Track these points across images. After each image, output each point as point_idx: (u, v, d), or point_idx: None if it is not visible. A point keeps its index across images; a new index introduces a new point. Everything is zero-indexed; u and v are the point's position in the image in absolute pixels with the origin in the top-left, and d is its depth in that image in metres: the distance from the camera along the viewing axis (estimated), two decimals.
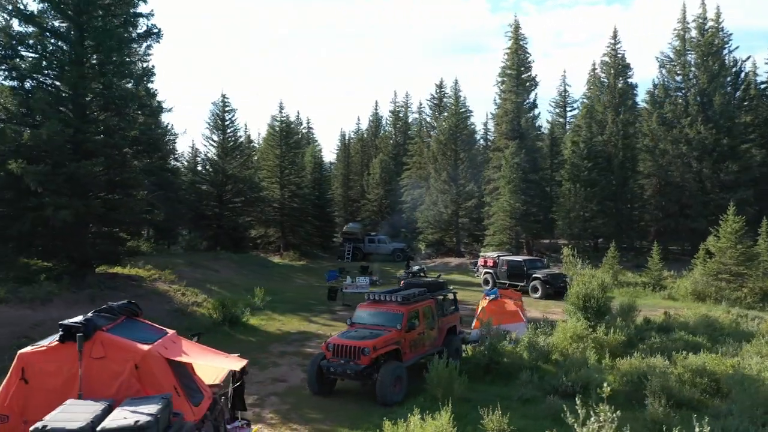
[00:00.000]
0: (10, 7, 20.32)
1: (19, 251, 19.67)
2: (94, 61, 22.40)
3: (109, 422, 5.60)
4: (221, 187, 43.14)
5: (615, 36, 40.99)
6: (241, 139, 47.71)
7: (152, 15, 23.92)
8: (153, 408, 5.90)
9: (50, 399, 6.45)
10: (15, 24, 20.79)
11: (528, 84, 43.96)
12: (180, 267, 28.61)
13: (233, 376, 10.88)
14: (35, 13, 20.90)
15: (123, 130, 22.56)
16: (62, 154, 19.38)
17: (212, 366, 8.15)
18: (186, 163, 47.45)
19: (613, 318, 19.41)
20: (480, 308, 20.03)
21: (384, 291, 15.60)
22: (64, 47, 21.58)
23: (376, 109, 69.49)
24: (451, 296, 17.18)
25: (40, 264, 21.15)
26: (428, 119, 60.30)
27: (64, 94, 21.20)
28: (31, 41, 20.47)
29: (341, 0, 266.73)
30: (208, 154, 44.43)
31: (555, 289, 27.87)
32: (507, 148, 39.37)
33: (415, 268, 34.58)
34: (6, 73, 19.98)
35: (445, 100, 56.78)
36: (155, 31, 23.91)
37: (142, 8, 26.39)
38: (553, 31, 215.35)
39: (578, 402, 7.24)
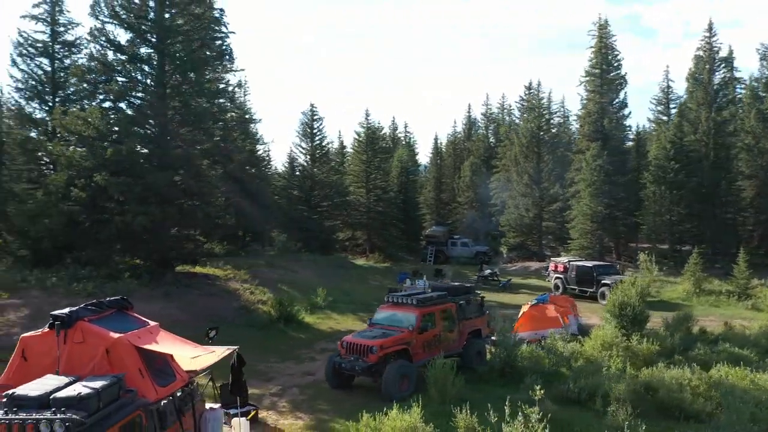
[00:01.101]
0: (104, 39, 23.34)
1: (107, 252, 22.53)
2: (174, 82, 25.03)
3: (60, 393, 7.01)
4: (310, 191, 45.62)
5: (710, 29, 38.57)
6: (330, 146, 49.93)
7: (227, 37, 26.35)
8: (99, 384, 7.27)
9: (42, 374, 8.02)
10: (109, 54, 23.84)
11: (617, 83, 42.39)
12: (260, 267, 30.92)
13: (234, 365, 12.32)
14: (124, 43, 23.85)
15: (199, 143, 24.97)
16: (140, 167, 21.97)
17: (182, 356, 9.41)
18: (282, 169, 50.38)
19: (666, 326, 18.93)
20: (521, 313, 20.25)
21: (404, 294, 16.40)
22: (147, 71, 24.32)
23: (469, 112, 69.72)
24: (477, 300, 17.57)
25: (128, 261, 24.03)
26: (518, 121, 59.64)
27: (146, 113, 23.91)
28: (119, 68, 23.32)
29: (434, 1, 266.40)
30: (298, 161, 47.04)
31: None
32: (588, 150, 38.33)
33: (487, 271, 34.79)
34: (101, 96, 22.94)
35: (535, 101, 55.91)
36: (227, 52, 26.27)
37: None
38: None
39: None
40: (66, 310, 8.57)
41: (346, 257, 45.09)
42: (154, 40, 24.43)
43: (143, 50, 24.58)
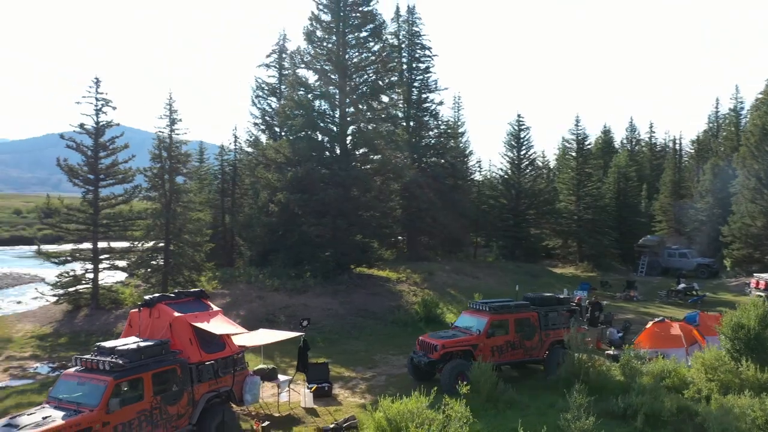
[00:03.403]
0: (297, 82, 28.79)
1: (295, 255, 27.73)
2: (351, 110, 29.41)
3: (119, 346, 10.94)
4: (516, 200, 46.81)
5: None
6: (536, 155, 50.23)
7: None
8: (146, 344, 11.09)
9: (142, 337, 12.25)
10: (300, 93, 29.23)
11: None
12: (439, 272, 33.76)
13: (300, 348, 15.54)
14: (311, 83, 29.02)
15: (372, 162, 28.93)
16: (316, 185, 26.64)
17: (226, 333, 12.81)
18: (489, 179, 52.25)
19: None
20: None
21: (485, 301, 17.71)
22: (329, 104, 29.10)
23: (716, 108, 62.25)
24: (565, 312, 17.82)
25: (321, 261, 28.93)
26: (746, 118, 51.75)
27: (327, 140, 28.67)
28: (306, 104, 28.50)
29: None
30: (504, 170, 48.50)
31: None
32: None
33: (681, 286, 32.23)
34: (290, 129, 28.41)
35: None
36: (403, 79, 29.77)
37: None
38: None
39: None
40: (149, 297, 12.69)
41: (545, 266, 45.11)
42: (335, 78, 29.14)
43: (326, 88, 29.41)
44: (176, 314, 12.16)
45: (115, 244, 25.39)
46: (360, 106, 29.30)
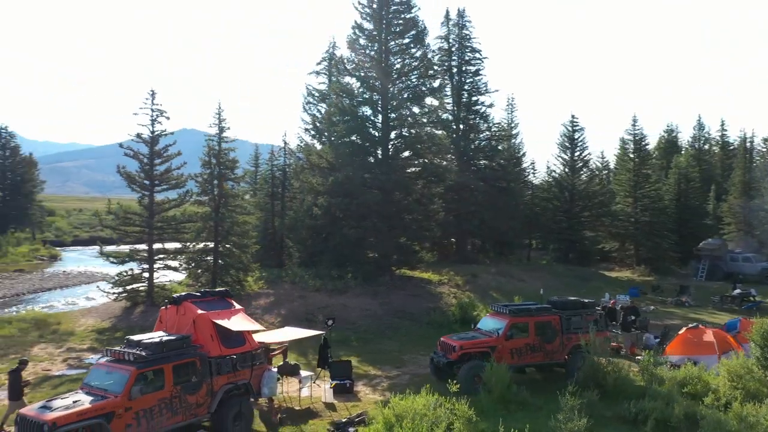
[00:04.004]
0: (340, 90, 29.73)
1: (336, 258, 28.63)
2: (394, 116, 30.06)
3: (143, 340, 12.04)
4: (570, 202, 46.11)
5: None
6: (590, 156, 49.19)
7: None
8: (168, 338, 12.15)
9: (168, 332, 13.37)
10: (345, 101, 30.16)
11: None
12: (484, 275, 33.89)
13: (321, 346, 16.33)
14: (355, 90, 29.90)
15: (414, 166, 29.49)
16: (357, 189, 27.45)
17: (243, 330, 13.71)
18: (544, 181, 51.59)
19: None
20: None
21: (506, 304, 17.94)
22: (371, 110, 29.88)
23: None
24: (591, 317, 17.75)
25: (368, 256, 29.73)
26: None
27: (369, 144, 29.45)
28: (349, 110, 29.39)
29: None
30: (557, 171, 47.84)
31: None
32: None
33: (736, 291, 31.01)
34: (333, 134, 29.38)
35: None
36: (442, 84, 30.26)
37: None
38: None
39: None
40: (176, 295, 13.79)
41: (600, 269, 44.19)
42: (378, 84, 29.89)
43: (369, 94, 30.19)
44: (199, 312, 13.19)
45: (168, 246, 27.04)
46: (402, 111, 29.91)
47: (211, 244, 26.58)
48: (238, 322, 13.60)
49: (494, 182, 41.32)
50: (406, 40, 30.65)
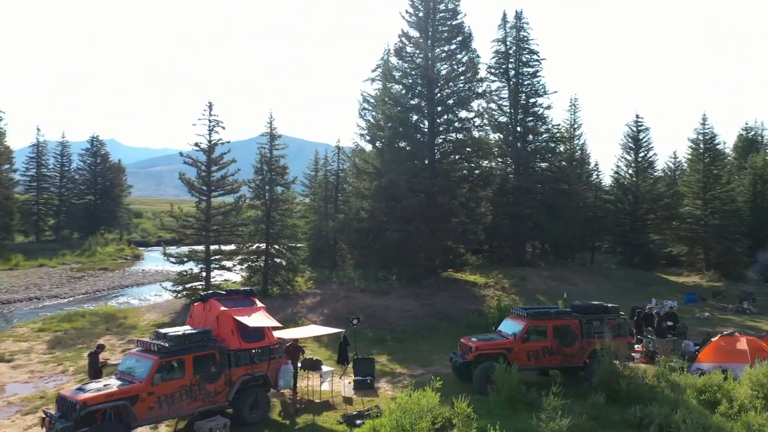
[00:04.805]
0: (387, 97, 30.66)
1: (382, 260, 29.54)
2: (440, 121, 30.64)
3: (168, 332, 13.41)
4: (633, 204, 44.84)
5: None
6: (656, 157, 47.49)
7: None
8: (190, 331, 13.47)
9: (196, 326, 14.74)
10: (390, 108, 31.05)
11: None
12: (534, 278, 33.76)
13: (341, 343, 17.27)
14: (402, 96, 30.72)
15: (460, 170, 29.94)
16: (401, 194, 28.26)
17: (264, 326, 14.83)
18: (609, 183, 50.32)
19: None
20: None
21: (525, 307, 18.17)
22: (418, 116, 30.57)
23: None
24: (615, 322, 17.67)
25: (413, 259, 30.46)
26: None
27: (414, 149, 30.16)
28: (394, 117, 30.24)
29: None
30: (621, 173, 46.57)
31: None
32: None
33: None
34: (380, 140, 30.32)
35: None
36: (488, 90, 30.54)
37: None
38: None
39: None
40: (204, 293, 15.14)
41: (668, 273, 42.66)
42: (424, 90, 30.57)
43: (416, 101, 30.89)
44: (222, 308, 14.45)
45: (225, 247, 28.90)
46: (448, 116, 30.45)
47: (263, 246, 28.18)
48: (256, 318, 14.76)
49: (552, 184, 40.91)
50: (453, 46, 31.17)
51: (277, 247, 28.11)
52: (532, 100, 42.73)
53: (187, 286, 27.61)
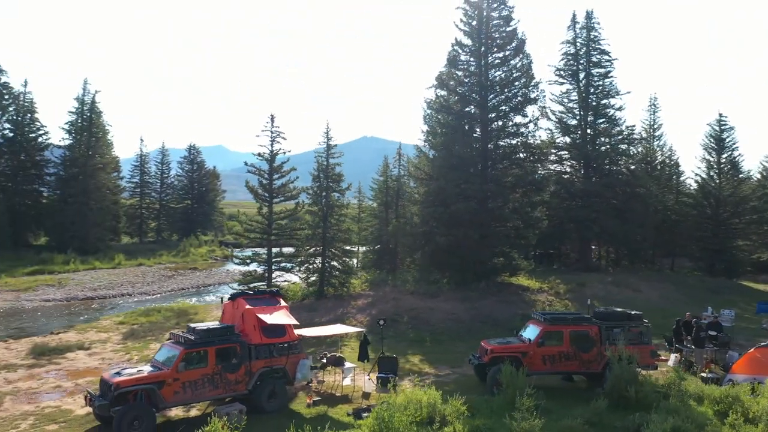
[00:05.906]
0: (438, 105, 31.46)
1: (434, 263, 30.32)
2: (493, 127, 31.00)
3: (198, 327, 15.12)
4: (715, 208, 42.64)
5: None
6: (743, 158, 44.67)
7: (538, 84, 30.77)
8: (213, 326, 15.13)
9: (226, 322, 16.41)
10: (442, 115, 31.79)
11: None
12: (594, 283, 33.16)
13: (361, 342, 18.39)
14: (456, 103, 31.41)
15: (511, 176, 30.20)
16: (451, 199, 28.96)
17: (289, 324, 16.20)
18: (690, 187, 47.90)
19: None
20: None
21: (545, 312, 18.40)
22: (469, 122, 31.11)
23: None
24: (637, 329, 17.52)
25: (456, 264, 31.13)
26: None
27: (465, 156, 30.72)
28: (446, 124, 30.96)
29: None
30: (702, 175, 44.36)
31: None
32: None
33: None
34: (433, 146, 31.16)
35: None
36: (538, 95, 30.64)
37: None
38: None
39: None
40: (232, 292, 16.79)
41: (749, 280, 40.18)
42: (477, 97, 31.08)
43: (469, 108, 31.43)
44: (247, 306, 16.03)
45: (286, 250, 30.89)
46: (501, 122, 30.78)
47: (320, 249, 29.87)
48: (276, 316, 16.21)
49: (624, 188, 39.86)
50: (507, 53, 31.43)
51: (333, 250, 29.66)
52: (603, 102, 41.88)
53: (251, 285, 29.80)
